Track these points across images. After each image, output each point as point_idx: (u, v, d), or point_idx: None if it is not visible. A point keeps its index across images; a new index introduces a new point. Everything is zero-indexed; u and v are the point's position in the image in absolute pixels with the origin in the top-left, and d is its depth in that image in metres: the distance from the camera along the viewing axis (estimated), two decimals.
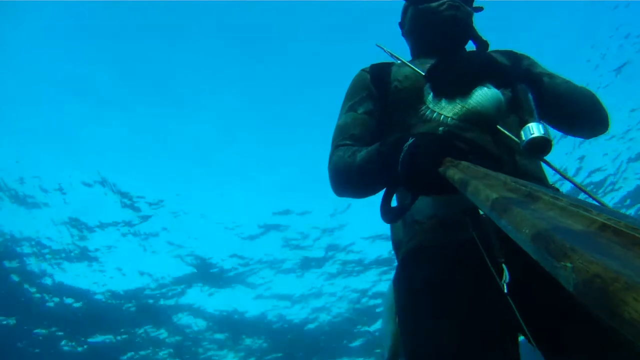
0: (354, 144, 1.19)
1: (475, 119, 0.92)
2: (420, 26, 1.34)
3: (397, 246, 1.18)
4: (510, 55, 1.34)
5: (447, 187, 0.77)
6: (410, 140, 0.93)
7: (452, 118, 0.94)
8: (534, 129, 0.88)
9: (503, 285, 0.81)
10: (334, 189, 1.23)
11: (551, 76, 1.24)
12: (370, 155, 1.07)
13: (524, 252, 0.39)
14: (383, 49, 1.30)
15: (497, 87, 0.96)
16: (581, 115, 1.18)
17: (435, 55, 1.29)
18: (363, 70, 1.34)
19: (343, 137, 1.22)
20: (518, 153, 1.08)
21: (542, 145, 0.88)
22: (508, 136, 0.98)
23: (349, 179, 1.14)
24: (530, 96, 0.95)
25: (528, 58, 1.36)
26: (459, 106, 0.92)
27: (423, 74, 1.05)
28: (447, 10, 1.24)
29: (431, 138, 0.90)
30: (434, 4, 1.27)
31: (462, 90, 0.93)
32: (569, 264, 0.29)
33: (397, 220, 1.12)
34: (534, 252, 0.36)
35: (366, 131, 1.23)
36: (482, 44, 1.34)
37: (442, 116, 0.95)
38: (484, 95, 0.92)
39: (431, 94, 0.99)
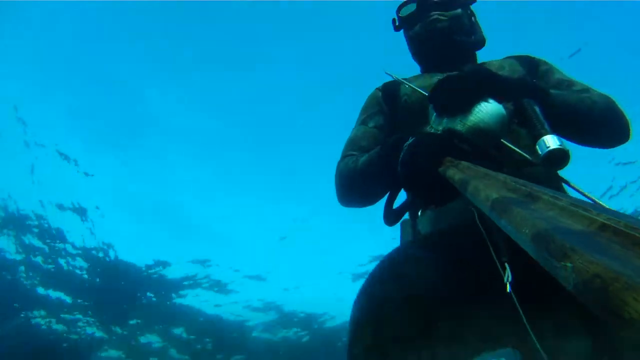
0: (361, 155, 1.20)
1: (477, 136, 0.91)
2: (416, 49, 1.44)
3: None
4: (526, 60, 1.32)
5: (447, 187, 0.77)
6: (410, 140, 0.93)
7: None
8: (549, 142, 0.86)
9: (507, 285, 0.81)
10: (339, 197, 1.24)
11: (570, 84, 1.21)
12: (371, 157, 1.08)
13: (524, 254, 0.39)
14: (391, 75, 1.36)
15: (500, 101, 0.95)
16: (594, 126, 1.13)
17: (440, 67, 1.33)
18: (377, 88, 1.41)
19: (351, 148, 1.26)
20: (523, 165, 1.08)
21: (560, 157, 0.86)
22: (514, 150, 0.97)
23: (353, 184, 1.16)
24: (537, 109, 0.93)
25: (545, 63, 1.33)
26: (460, 124, 0.92)
27: (426, 94, 1.06)
28: (427, 28, 1.32)
29: (431, 137, 0.90)
30: (416, 28, 1.37)
31: (463, 107, 0.93)
32: (569, 264, 0.29)
33: (397, 222, 1.12)
34: (534, 252, 0.36)
35: (375, 143, 1.24)
36: (473, 43, 1.36)
37: None
38: (484, 111, 0.91)
39: (434, 114, 1.00)
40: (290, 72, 18.22)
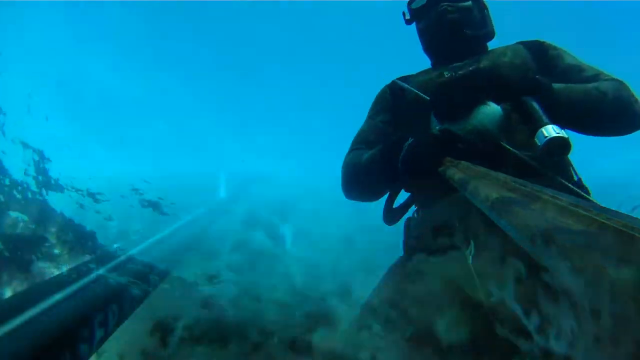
0: (367, 148, 1.22)
1: (475, 138, 0.91)
2: (427, 42, 1.44)
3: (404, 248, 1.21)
4: (534, 46, 1.29)
5: (446, 187, 0.77)
6: (411, 140, 0.94)
7: None
8: (548, 131, 0.86)
9: (468, 257, 0.84)
10: (343, 189, 1.27)
11: (580, 69, 1.19)
12: (373, 155, 1.10)
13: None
14: (399, 83, 1.37)
15: (499, 102, 0.95)
16: (602, 120, 1.10)
17: (450, 59, 1.32)
18: (386, 85, 1.44)
19: (358, 142, 1.29)
20: (523, 165, 1.07)
21: (559, 145, 0.86)
22: (511, 151, 0.96)
23: (357, 178, 1.19)
24: (535, 105, 0.92)
25: (555, 48, 1.30)
26: (460, 128, 0.92)
27: (427, 98, 1.07)
28: (437, 19, 1.32)
29: (431, 138, 0.91)
30: (426, 20, 1.38)
31: (463, 112, 0.93)
32: (568, 264, 0.29)
33: (397, 221, 1.13)
34: (534, 252, 0.36)
35: (381, 137, 1.27)
36: (483, 36, 1.35)
37: None
38: (483, 114, 0.92)
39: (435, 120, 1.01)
40: None
